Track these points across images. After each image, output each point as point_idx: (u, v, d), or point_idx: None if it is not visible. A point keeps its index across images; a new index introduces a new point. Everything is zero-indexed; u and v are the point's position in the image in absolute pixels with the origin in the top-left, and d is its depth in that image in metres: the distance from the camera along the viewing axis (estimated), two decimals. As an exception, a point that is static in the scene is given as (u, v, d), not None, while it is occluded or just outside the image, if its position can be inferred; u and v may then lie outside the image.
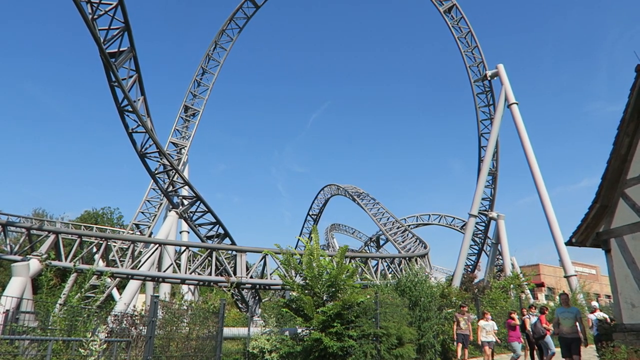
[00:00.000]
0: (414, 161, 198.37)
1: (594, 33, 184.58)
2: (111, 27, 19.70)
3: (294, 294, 14.32)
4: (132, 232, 41.03)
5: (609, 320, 14.82)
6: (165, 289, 32.01)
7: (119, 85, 21.20)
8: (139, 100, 23.54)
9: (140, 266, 22.93)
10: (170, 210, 31.31)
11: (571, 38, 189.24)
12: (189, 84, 45.75)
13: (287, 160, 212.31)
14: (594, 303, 19.06)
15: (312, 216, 66.80)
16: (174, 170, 27.93)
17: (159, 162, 27.50)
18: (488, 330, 15.52)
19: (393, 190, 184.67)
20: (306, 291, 14.03)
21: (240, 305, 40.37)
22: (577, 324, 11.63)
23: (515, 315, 15.63)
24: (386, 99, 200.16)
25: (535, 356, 15.37)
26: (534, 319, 15.34)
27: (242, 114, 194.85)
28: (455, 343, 16.20)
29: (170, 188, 29.01)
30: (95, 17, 18.72)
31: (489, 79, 41.24)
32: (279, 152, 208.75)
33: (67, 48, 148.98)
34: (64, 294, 14.11)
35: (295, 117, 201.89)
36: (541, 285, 52.75)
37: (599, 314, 15.64)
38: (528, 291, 33.45)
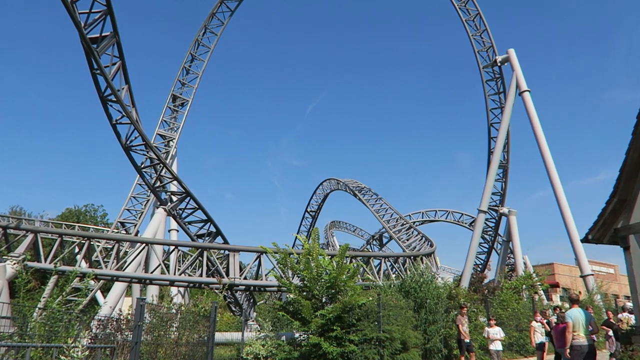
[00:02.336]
0: (419, 154, 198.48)
1: (613, 17, 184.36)
2: (92, 11, 19.61)
3: (291, 296, 14.36)
4: (117, 230, 41.03)
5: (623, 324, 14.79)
6: (152, 292, 31.99)
7: (102, 73, 21.14)
8: (123, 89, 23.47)
9: (126, 267, 22.92)
10: (157, 207, 31.27)
11: (587, 22, 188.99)
12: (177, 71, 45.66)
13: (283, 153, 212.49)
14: (629, 304, 18.37)
15: (311, 213, 66.92)
16: (161, 164, 27.87)
17: (145, 155, 27.45)
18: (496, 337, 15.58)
19: (397, 185, 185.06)
20: (304, 293, 14.08)
21: (233, 309, 40.47)
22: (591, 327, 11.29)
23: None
24: (388, 88, 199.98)
25: None
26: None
27: (235, 103, 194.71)
28: (460, 349, 16.13)
29: (158, 183, 28.97)
30: (75, -1, 18.62)
31: (499, 64, 41.22)
32: (274, 145, 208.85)
33: (46, 32, 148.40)
34: (43, 298, 14.11)
35: (291, 107, 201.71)
36: (556, 285, 52.89)
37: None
38: (542, 292, 33.58)
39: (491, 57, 41.89)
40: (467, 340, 15.69)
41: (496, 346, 15.46)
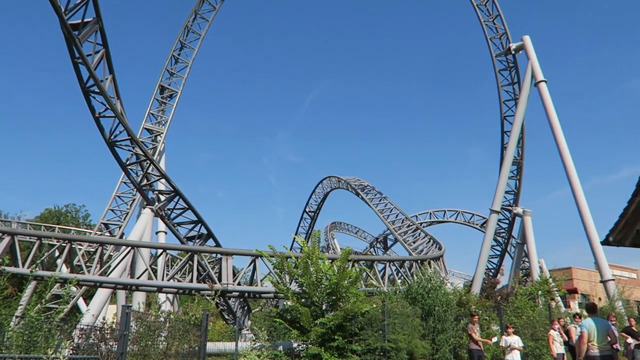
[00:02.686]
0: (427, 150, 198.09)
1: (631, 2, 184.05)
2: (73, -6, 19.59)
3: (289, 303, 14.39)
4: (100, 232, 41.04)
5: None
6: (139, 299, 32.00)
7: (84, 62, 21.14)
8: (106, 79, 23.48)
9: (110, 272, 22.94)
10: (144, 208, 31.31)
11: (608, 6, 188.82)
12: (165, 60, 45.62)
13: (280, 149, 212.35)
14: None
15: (310, 213, 66.94)
16: (148, 161, 27.89)
17: (130, 151, 27.44)
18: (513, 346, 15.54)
19: (402, 184, 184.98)
20: (303, 300, 14.08)
21: (226, 317, 40.53)
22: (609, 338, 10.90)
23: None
24: (393, 82, 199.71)
25: None
26: (579, 330, 15.21)
27: (228, 95, 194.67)
28: None
29: (144, 181, 28.96)
30: (55, -18, 18.59)
31: (512, 53, 41.23)
32: (271, 139, 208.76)
33: (21, 17, 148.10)
34: (21, 305, 14.12)
35: (289, 98, 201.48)
36: (574, 291, 52.95)
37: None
38: (559, 298, 33.59)
39: (504, 44, 41.91)
40: (479, 348, 15.66)
41: (514, 356, 15.40)
